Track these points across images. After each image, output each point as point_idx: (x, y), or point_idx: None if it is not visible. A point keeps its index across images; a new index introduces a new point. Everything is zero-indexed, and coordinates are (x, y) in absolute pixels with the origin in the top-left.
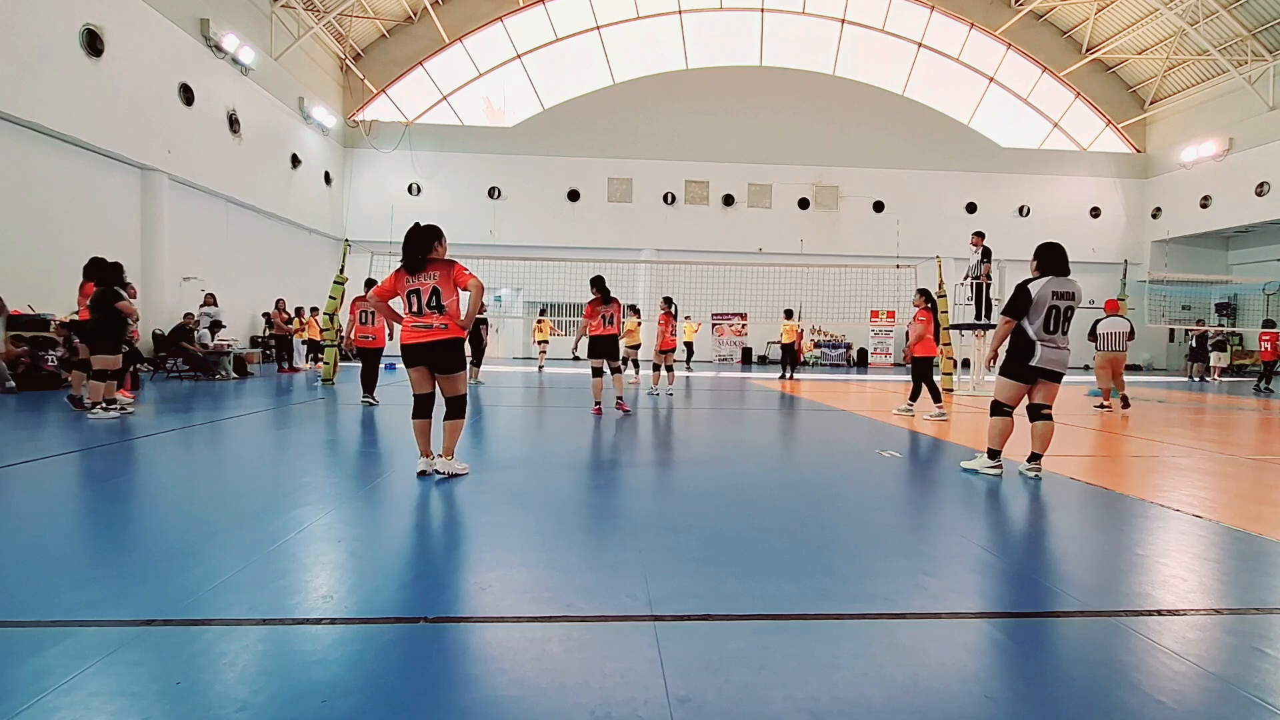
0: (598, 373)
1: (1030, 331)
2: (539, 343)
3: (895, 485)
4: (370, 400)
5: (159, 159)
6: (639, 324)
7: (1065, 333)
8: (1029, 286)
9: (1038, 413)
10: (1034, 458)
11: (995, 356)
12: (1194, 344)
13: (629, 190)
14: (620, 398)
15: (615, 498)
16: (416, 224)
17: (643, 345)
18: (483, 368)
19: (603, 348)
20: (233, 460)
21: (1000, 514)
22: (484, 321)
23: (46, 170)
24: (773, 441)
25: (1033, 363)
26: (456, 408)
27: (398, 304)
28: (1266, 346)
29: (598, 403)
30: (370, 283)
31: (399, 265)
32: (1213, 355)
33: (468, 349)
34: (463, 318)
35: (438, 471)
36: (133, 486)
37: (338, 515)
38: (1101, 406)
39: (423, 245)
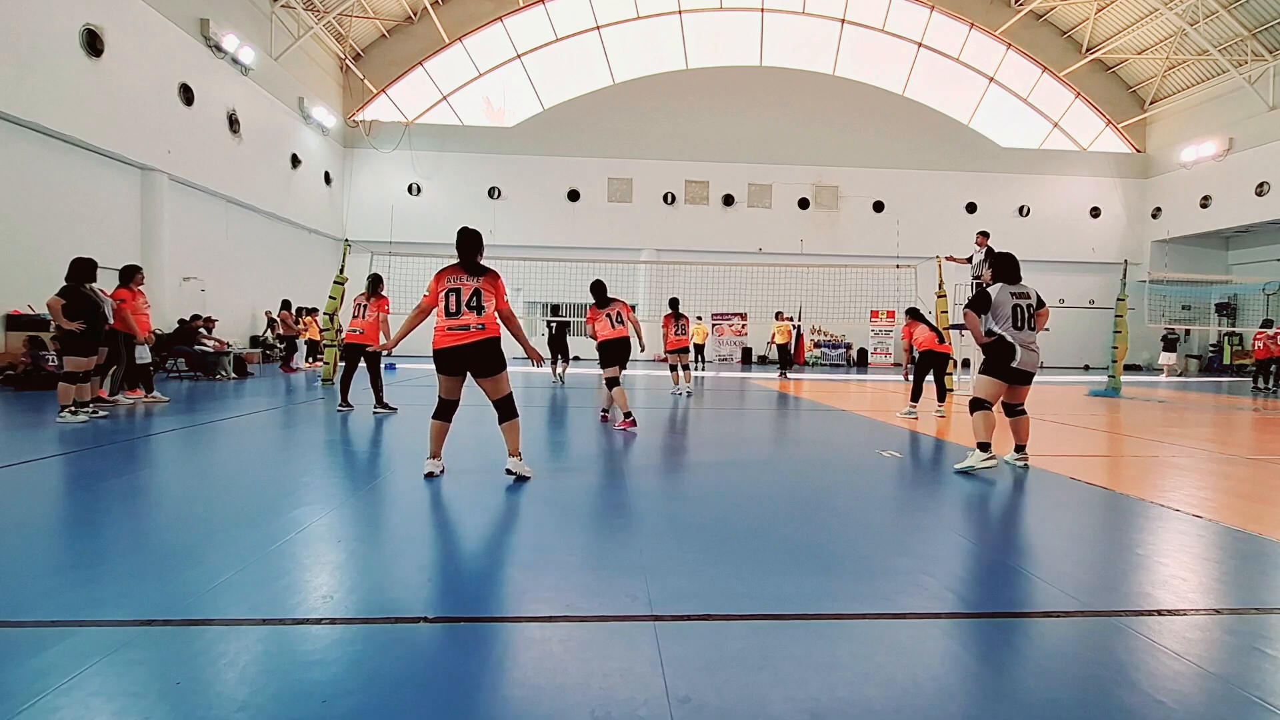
0: (613, 382)
1: (1008, 335)
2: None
3: (895, 485)
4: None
5: (159, 159)
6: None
7: (1033, 329)
8: (988, 290)
9: (1013, 410)
10: (1019, 449)
11: (980, 340)
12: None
13: (629, 190)
14: (617, 413)
15: (615, 498)
16: (465, 227)
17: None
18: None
19: (615, 353)
20: (233, 460)
21: (1000, 514)
22: (566, 324)
23: (46, 170)
24: (773, 442)
25: (1014, 364)
26: (507, 408)
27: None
28: (1259, 345)
29: (627, 414)
30: (376, 278)
31: (445, 266)
32: (1163, 356)
33: (545, 351)
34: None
35: (509, 472)
36: (133, 487)
37: (338, 515)
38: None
39: (477, 247)
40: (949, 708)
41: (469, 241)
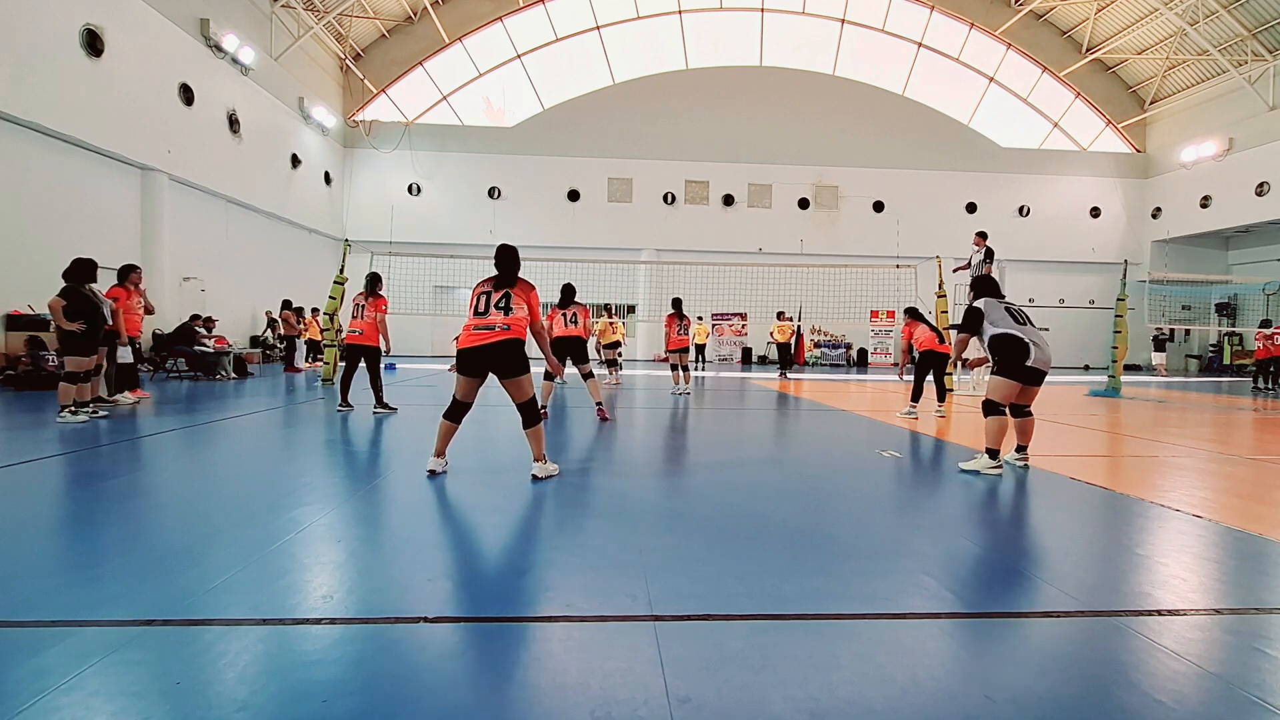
0: (550, 376)
1: (1016, 331)
2: (608, 346)
3: (895, 485)
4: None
5: (159, 159)
6: (611, 323)
7: (1034, 325)
8: (974, 305)
9: (1020, 410)
10: (1021, 449)
11: (961, 361)
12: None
13: (629, 190)
14: (600, 404)
15: (615, 498)
16: (505, 244)
17: (623, 346)
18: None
19: (565, 348)
20: (233, 460)
21: (1000, 514)
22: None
23: (46, 170)
24: (773, 441)
25: (1028, 363)
26: (530, 414)
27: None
28: (1260, 346)
29: (543, 406)
30: (374, 277)
31: (484, 279)
32: (1154, 356)
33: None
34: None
35: (535, 476)
36: (133, 486)
37: (338, 515)
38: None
39: (514, 262)
40: (949, 708)
41: (506, 256)
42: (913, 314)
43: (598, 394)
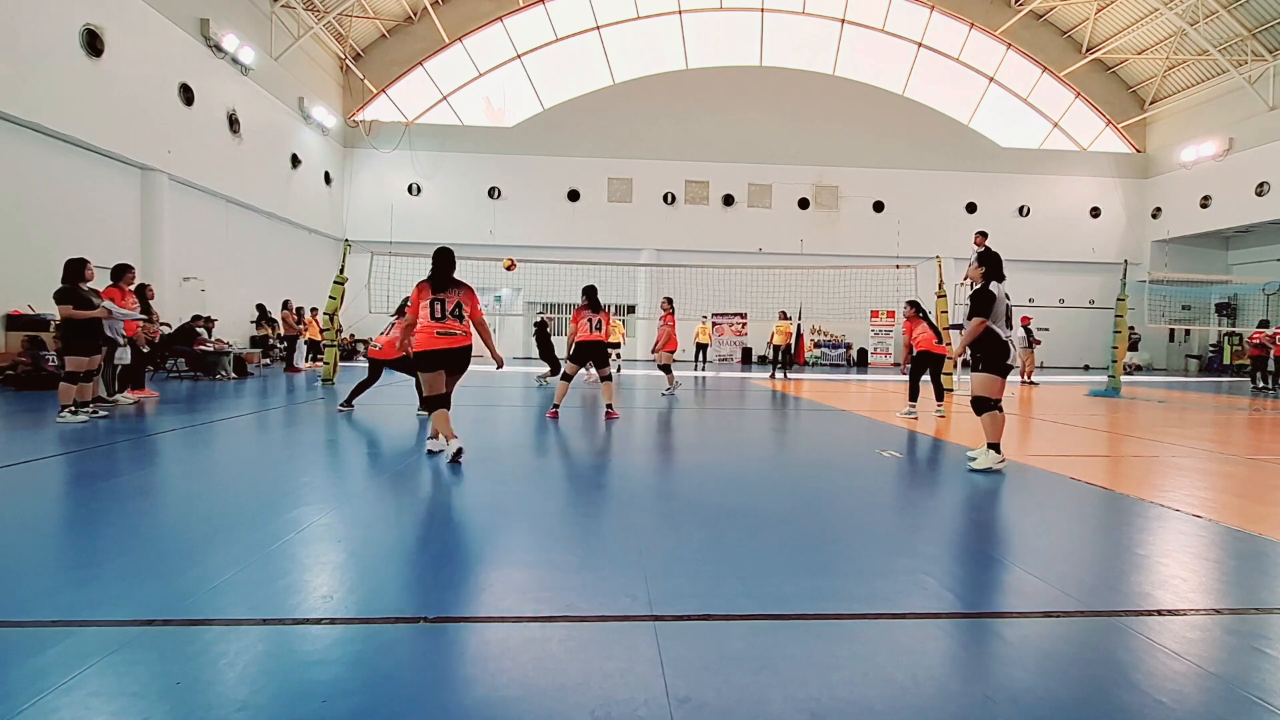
0: (567, 377)
1: (1002, 333)
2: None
3: (895, 485)
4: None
5: (159, 159)
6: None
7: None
8: (990, 289)
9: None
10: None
11: (963, 353)
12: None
13: (629, 190)
14: (610, 405)
15: (615, 498)
16: (443, 247)
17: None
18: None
19: (589, 352)
20: (233, 460)
21: (1000, 514)
22: (544, 323)
23: (46, 170)
24: (772, 441)
25: (1008, 362)
26: (438, 401)
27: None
28: (1255, 344)
29: (555, 405)
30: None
31: (424, 279)
32: (1127, 355)
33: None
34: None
35: (429, 451)
36: (133, 486)
37: (338, 515)
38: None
39: (451, 264)
40: (949, 708)
41: (444, 260)
42: (916, 309)
43: (610, 396)
